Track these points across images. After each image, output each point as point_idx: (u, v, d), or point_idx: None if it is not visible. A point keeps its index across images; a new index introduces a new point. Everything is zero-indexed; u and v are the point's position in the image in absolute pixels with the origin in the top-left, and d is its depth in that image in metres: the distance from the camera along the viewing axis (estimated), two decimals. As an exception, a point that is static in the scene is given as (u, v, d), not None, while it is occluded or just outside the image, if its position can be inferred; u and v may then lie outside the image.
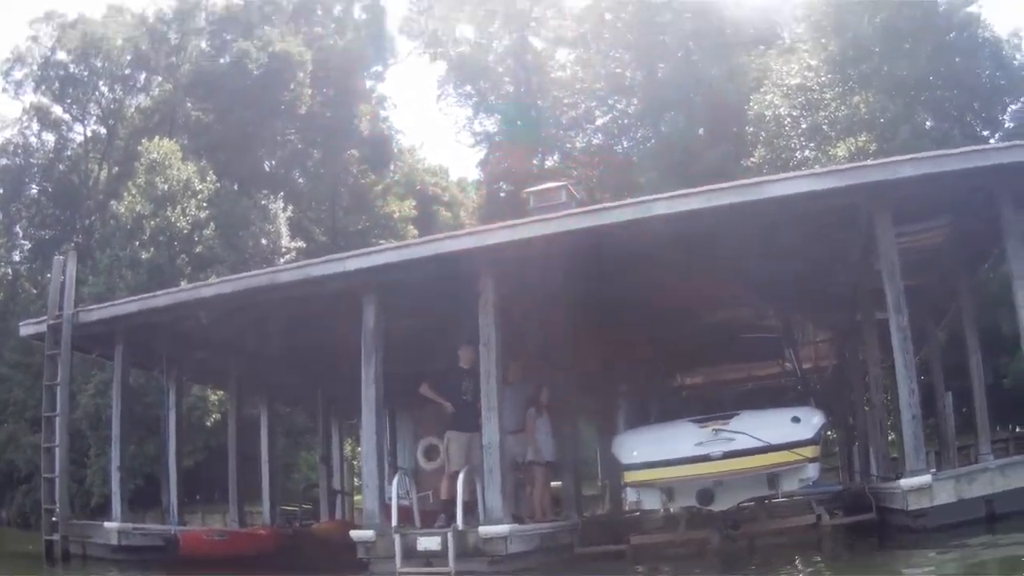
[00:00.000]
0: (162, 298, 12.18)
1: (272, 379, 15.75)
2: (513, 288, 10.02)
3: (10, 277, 42.79)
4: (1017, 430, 22.17)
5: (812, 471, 9.39)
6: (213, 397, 25.53)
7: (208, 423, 25.56)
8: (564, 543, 10.32)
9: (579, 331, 11.59)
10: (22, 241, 44.10)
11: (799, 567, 8.21)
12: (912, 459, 8.58)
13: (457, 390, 10.26)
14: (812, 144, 25.59)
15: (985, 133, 24.34)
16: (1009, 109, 25.34)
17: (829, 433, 11.38)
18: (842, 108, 24.11)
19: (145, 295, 13.33)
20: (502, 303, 9.84)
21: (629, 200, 10.22)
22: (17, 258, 44.73)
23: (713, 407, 10.08)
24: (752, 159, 26.28)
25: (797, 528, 10.27)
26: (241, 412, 15.47)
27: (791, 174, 10.77)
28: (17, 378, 30.56)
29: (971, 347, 11.92)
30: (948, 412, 14.13)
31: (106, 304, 13.68)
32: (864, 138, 22.87)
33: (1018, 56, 25.05)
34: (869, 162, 11.36)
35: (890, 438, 15.10)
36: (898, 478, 8.98)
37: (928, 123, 23.40)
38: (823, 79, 25.35)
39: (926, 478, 8.36)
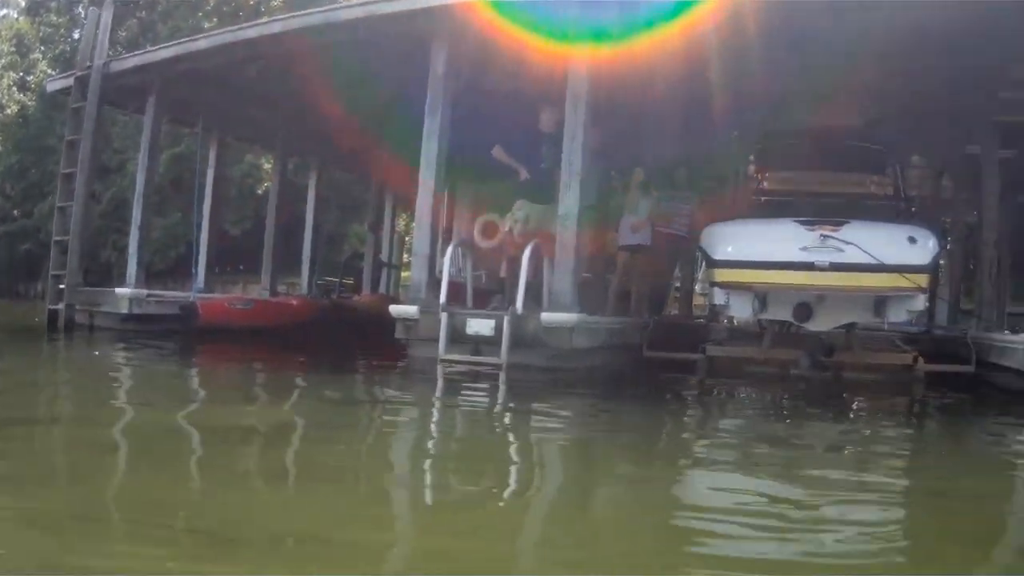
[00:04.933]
0: (202, 41, 10.93)
1: (324, 141, 14.41)
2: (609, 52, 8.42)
3: (68, 54, 42.29)
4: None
5: (921, 303, 8.05)
6: (267, 165, 24.83)
7: (259, 191, 24.98)
8: (631, 342, 9.08)
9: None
10: (84, 21, 43.12)
11: (893, 415, 7.00)
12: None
13: (535, 156, 8.85)
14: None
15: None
16: None
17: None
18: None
19: (184, 39, 12.15)
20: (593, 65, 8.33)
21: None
22: (76, 36, 44.11)
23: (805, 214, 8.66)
24: None
25: (890, 367, 9.08)
26: (287, 178, 14.48)
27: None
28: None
29: None
30: None
31: (141, 51, 12.57)
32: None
33: None
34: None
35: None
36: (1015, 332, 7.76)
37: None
38: None
39: None
